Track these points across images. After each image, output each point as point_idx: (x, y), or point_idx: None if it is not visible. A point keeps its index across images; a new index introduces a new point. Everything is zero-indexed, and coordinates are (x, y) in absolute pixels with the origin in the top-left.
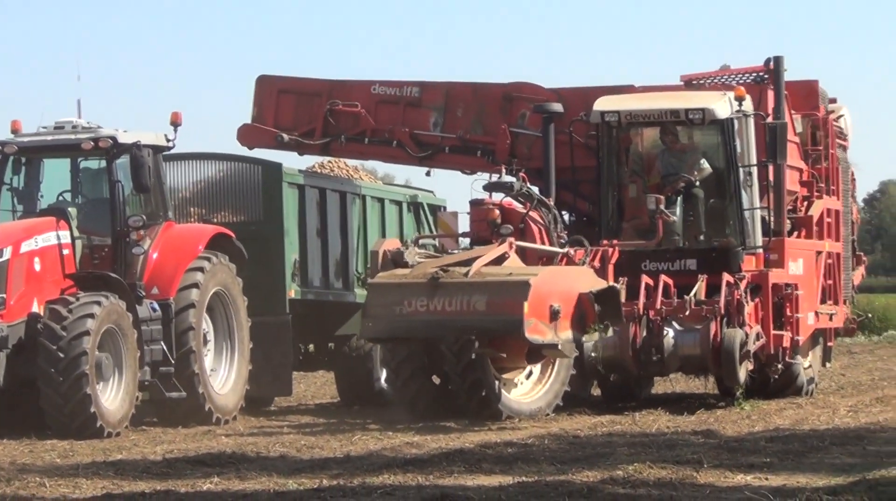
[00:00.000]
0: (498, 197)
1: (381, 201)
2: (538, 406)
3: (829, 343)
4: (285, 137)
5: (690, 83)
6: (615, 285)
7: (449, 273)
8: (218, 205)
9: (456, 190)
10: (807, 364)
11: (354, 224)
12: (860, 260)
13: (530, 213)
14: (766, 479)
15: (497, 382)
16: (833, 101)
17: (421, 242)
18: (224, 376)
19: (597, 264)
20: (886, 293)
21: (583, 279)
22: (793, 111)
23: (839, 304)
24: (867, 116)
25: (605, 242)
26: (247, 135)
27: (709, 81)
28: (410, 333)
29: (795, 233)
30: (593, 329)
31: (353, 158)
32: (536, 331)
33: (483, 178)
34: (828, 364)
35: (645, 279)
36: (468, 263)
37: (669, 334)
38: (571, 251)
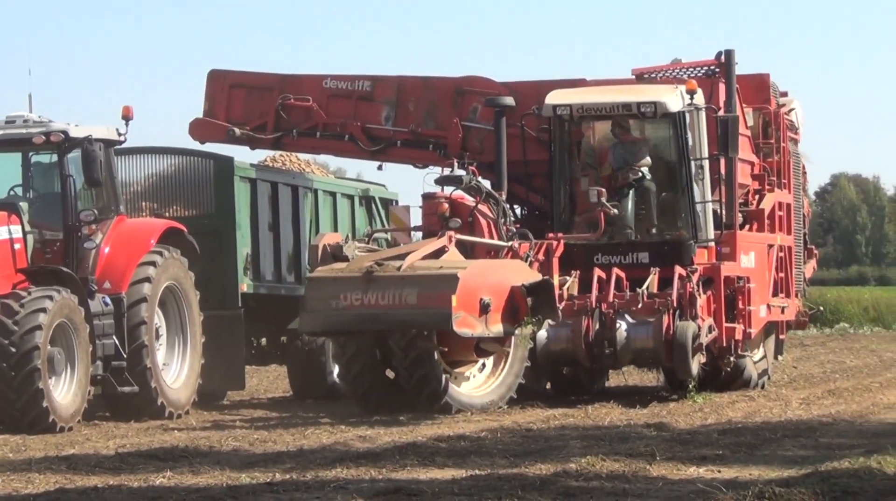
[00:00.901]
0: (450, 191)
1: (333, 194)
2: (490, 399)
3: (781, 336)
4: (237, 131)
5: (642, 77)
6: (549, 278)
7: (383, 267)
8: (170, 199)
9: (408, 184)
10: (758, 357)
11: (307, 218)
12: (811, 253)
13: (479, 206)
14: (719, 471)
15: (445, 376)
16: (784, 94)
17: (375, 236)
18: (176, 370)
19: (541, 257)
20: (838, 286)
21: (516, 273)
22: (744, 105)
23: (791, 297)
24: (818, 110)
25: (550, 235)
26: (198, 129)
27: (660, 74)
28: (345, 326)
29: (747, 226)
30: (526, 323)
31: (304, 152)
32: (465, 324)
33: (435, 171)
34: (780, 357)
35: (597, 273)
36: (405, 257)
37: (622, 327)
38: (516, 245)
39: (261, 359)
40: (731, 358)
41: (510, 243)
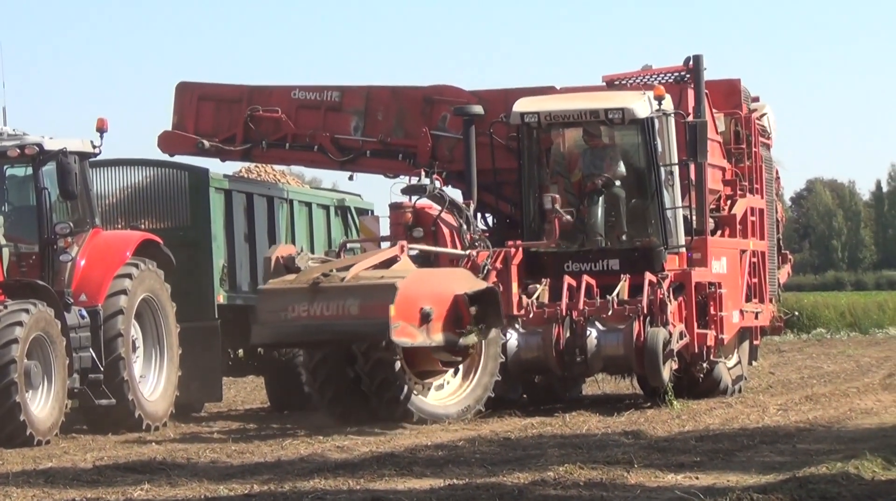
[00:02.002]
0: (416, 200)
1: (308, 205)
2: (466, 404)
3: (756, 342)
4: (206, 143)
5: (612, 84)
6: (493, 286)
7: (329, 278)
8: (145, 211)
9: (384, 194)
10: (733, 363)
11: (282, 229)
12: (786, 258)
13: (442, 215)
14: (697, 478)
15: (410, 385)
16: (756, 99)
17: (348, 246)
18: (153, 382)
19: (499, 265)
20: (815, 292)
21: (460, 281)
22: (715, 110)
23: (765, 302)
24: (794, 116)
25: (509, 243)
26: (167, 142)
27: (631, 81)
28: (293, 338)
29: (719, 232)
30: (469, 331)
31: (274, 163)
32: (405, 334)
33: (403, 181)
34: (754, 363)
35: (567, 280)
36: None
37: (592, 334)
38: (474, 253)
39: (238, 370)
40: (704, 364)
41: (468, 252)
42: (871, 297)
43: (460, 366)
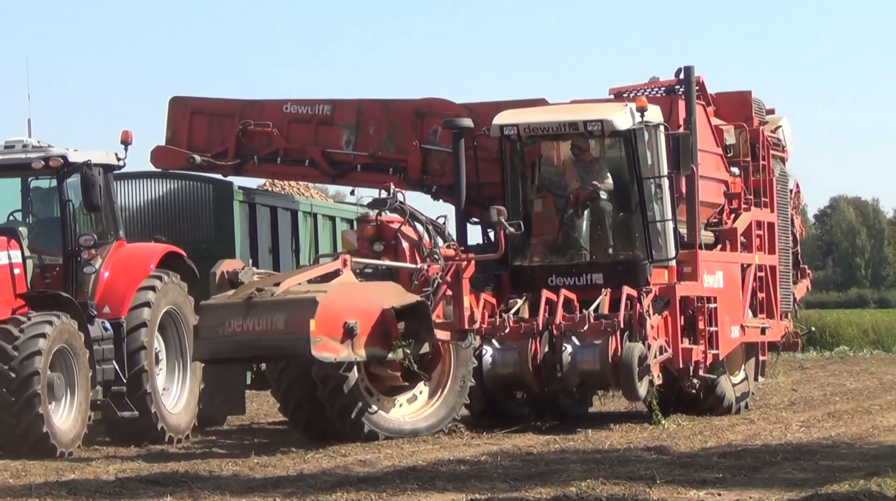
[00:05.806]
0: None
1: (332, 218)
2: (429, 423)
3: (763, 358)
4: (197, 158)
5: (620, 96)
6: (424, 300)
7: (263, 292)
8: (169, 224)
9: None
10: (739, 379)
11: (306, 242)
12: (804, 273)
13: (403, 229)
14: (719, 494)
15: (369, 408)
16: (770, 112)
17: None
18: (176, 395)
19: (449, 278)
20: (838, 309)
21: (389, 295)
22: (723, 123)
23: (775, 318)
24: (818, 133)
25: (459, 256)
26: (159, 157)
27: (637, 93)
28: (228, 354)
29: (719, 246)
30: (397, 346)
31: (266, 178)
32: (326, 349)
33: (372, 195)
34: (761, 379)
35: (546, 294)
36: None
37: (568, 349)
38: (425, 267)
39: (260, 383)
40: (694, 380)
41: (420, 266)
42: (895, 315)
43: (428, 383)
